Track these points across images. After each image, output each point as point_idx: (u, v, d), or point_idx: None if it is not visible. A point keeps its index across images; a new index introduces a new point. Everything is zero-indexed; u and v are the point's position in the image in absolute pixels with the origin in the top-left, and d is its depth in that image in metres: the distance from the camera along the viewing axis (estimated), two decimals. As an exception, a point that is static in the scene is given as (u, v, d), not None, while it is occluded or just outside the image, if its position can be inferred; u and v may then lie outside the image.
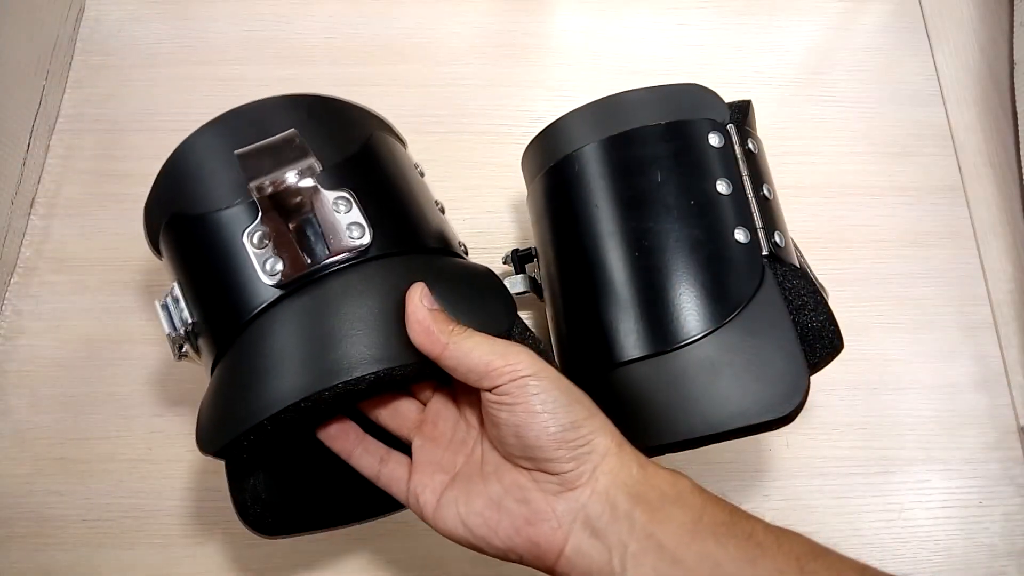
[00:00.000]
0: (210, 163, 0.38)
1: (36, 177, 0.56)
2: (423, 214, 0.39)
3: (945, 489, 0.50)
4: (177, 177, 0.38)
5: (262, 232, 0.35)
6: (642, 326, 0.37)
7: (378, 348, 0.33)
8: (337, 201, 0.36)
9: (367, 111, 0.42)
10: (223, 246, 0.36)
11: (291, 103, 0.39)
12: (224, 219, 0.36)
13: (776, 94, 0.62)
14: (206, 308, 0.36)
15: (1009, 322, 0.55)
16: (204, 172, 0.38)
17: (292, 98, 0.40)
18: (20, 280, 0.53)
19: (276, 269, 0.34)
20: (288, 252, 0.35)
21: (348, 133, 0.40)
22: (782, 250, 0.39)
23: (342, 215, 0.35)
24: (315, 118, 0.39)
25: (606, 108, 0.42)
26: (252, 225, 0.35)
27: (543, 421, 0.30)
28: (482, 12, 0.64)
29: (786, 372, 0.35)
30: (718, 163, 0.39)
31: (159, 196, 0.39)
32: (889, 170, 0.60)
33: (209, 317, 0.36)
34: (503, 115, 0.60)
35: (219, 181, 0.37)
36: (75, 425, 0.49)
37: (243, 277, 0.35)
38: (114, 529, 0.46)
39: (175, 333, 0.37)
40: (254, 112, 0.39)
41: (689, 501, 0.30)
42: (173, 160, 0.39)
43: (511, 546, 0.31)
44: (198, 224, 0.36)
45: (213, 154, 0.38)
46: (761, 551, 0.28)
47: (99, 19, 0.62)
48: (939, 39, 0.64)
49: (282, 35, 0.62)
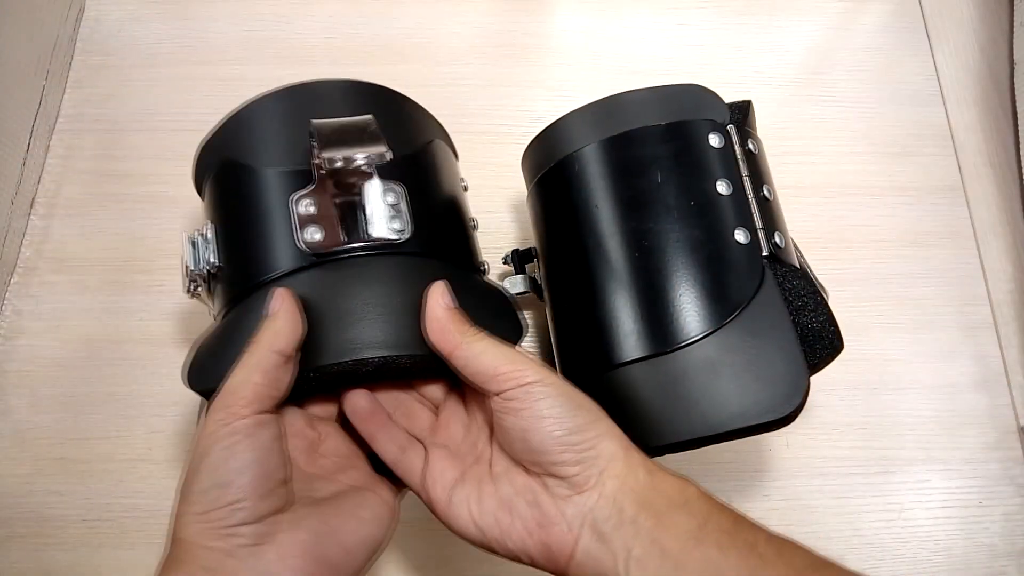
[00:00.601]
0: (277, 124, 0.39)
1: (36, 177, 0.56)
2: (459, 227, 0.42)
3: (945, 489, 0.50)
4: (243, 127, 0.40)
5: (310, 200, 0.36)
6: (642, 327, 0.37)
7: (390, 335, 0.34)
8: (387, 191, 0.37)
9: (433, 118, 0.45)
10: (270, 203, 0.37)
11: (368, 90, 0.41)
12: (278, 177, 0.37)
13: (776, 94, 0.62)
14: (236, 256, 0.38)
15: (1009, 322, 0.55)
16: (270, 130, 0.39)
17: (370, 86, 0.42)
18: (20, 280, 0.53)
19: (314, 238, 0.36)
20: (329, 225, 0.36)
21: (412, 132, 0.42)
22: (782, 251, 0.39)
23: (388, 205, 0.37)
24: (386, 109, 0.41)
25: (606, 108, 0.42)
26: (303, 192, 0.36)
27: (548, 426, 0.30)
28: (482, 12, 0.64)
29: (786, 373, 0.35)
30: (718, 163, 0.39)
31: (220, 139, 0.41)
32: (889, 170, 0.60)
33: (236, 265, 0.37)
34: (503, 115, 0.60)
35: (282, 142, 0.38)
36: (75, 425, 0.49)
37: (280, 237, 0.36)
38: (114, 529, 0.46)
39: (196, 269, 0.38)
40: (330, 90, 0.41)
41: (695, 507, 0.30)
42: (245, 111, 0.40)
43: (523, 548, 0.31)
44: (251, 176, 0.38)
45: (282, 116, 0.39)
46: (762, 561, 0.28)
47: (99, 19, 0.62)
48: (939, 39, 0.64)
49: (282, 35, 0.62)
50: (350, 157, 0.34)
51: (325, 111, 0.38)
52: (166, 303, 0.52)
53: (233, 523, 0.28)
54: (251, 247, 0.37)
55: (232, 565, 0.28)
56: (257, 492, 0.29)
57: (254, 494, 0.29)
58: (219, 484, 0.29)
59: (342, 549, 0.31)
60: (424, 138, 0.42)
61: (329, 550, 0.30)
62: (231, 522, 0.28)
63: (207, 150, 0.41)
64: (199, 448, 0.30)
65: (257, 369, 0.31)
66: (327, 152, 0.34)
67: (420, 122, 0.43)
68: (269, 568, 0.29)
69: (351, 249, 0.36)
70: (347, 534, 0.31)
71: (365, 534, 0.32)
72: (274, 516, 0.30)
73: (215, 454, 0.29)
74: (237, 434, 0.30)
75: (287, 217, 0.36)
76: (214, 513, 0.28)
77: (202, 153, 0.42)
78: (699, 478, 0.49)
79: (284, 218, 0.36)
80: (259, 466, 0.30)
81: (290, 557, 0.29)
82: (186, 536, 0.29)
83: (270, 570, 0.29)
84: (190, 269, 0.38)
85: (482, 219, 0.55)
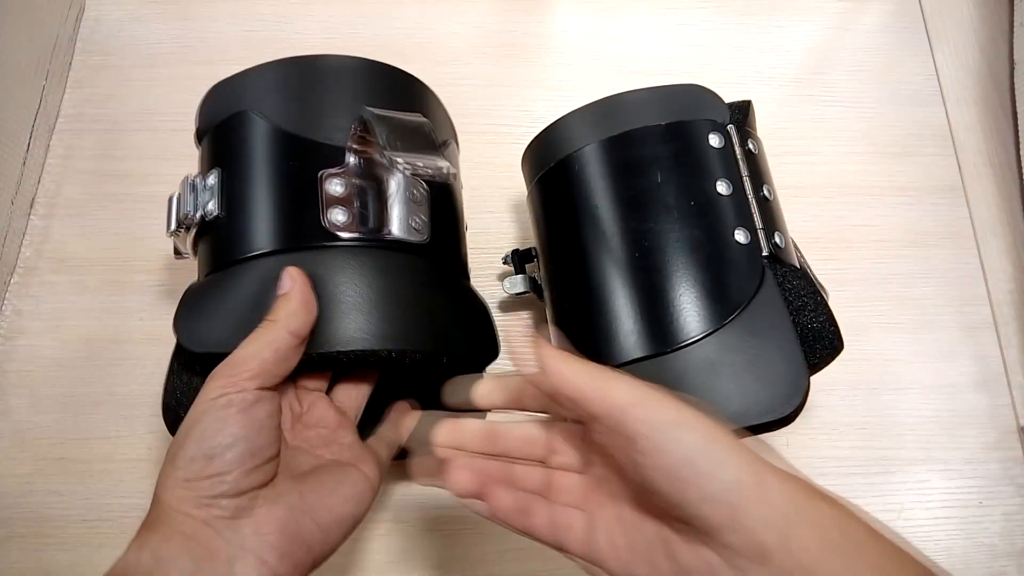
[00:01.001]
0: (314, 91, 0.38)
1: (36, 177, 0.56)
2: (459, 231, 0.42)
3: (945, 489, 0.50)
4: (275, 83, 0.38)
5: (339, 181, 0.36)
6: (642, 327, 0.37)
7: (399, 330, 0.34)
8: (413, 190, 0.37)
9: (449, 118, 0.45)
10: (300, 173, 0.36)
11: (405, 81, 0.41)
12: (307, 148, 0.36)
13: (776, 94, 0.62)
14: (245, 215, 0.36)
15: (1009, 322, 0.55)
16: (305, 96, 0.38)
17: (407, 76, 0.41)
18: (20, 280, 0.53)
19: (338, 220, 0.35)
20: (352, 210, 0.36)
21: (438, 131, 0.41)
22: (782, 251, 0.39)
23: (414, 204, 0.37)
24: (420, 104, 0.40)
25: (606, 108, 0.42)
26: (336, 170, 0.36)
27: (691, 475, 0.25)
28: (482, 12, 0.64)
29: (786, 373, 0.35)
30: (718, 164, 0.39)
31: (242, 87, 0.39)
32: (889, 170, 0.60)
33: (244, 224, 0.36)
34: (503, 115, 0.60)
35: (316, 111, 0.37)
36: (75, 425, 0.49)
37: (304, 210, 0.35)
38: (114, 529, 0.46)
39: (190, 214, 0.37)
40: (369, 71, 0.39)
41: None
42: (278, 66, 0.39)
43: None
44: (279, 138, 0.37)
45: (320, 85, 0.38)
46: None
47: (99, 19, 0.62)
48: (939, 39, 0.64)
49: (282, 35, 0.62)
50: (419, 167, 0.34)
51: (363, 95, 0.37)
52: (166, 303, 0.52)
53: (214, 494, 0.29)
54: (267, 211, 0.36)
55: (208, 534, 0.28)
56: (242, 467, 0.29)
57: (239, 469, 0.29)
58: (206, 455, 0.29)
59: (317, 527, 0.31)
60: (443, 137, 0.42)
61: (305, 528, 0.30)
62: (212, 493, 0.29)
63: (224, 94, 0.40)
64: (193, 412, 0.30)
65: (270, 346, 0.31)
66: (392, 152, 0.34)
67: (443, 121, 0.43)
68: (244, 542, 0.29)
69: (371, 239, 0.36)
70: (324, 512, 0.31)
71: (342, 512, 0.32)
72: (255, 491, 0.30)
73: (206, 423, 0.29)
74: (232, 406, 0.30)
75: (314, 191, 0.35)
76: (197, 483, 0.29)
77: (217, 95, 0.40)
78: (699, 478, 0.48)
79: (310, 192, 0.35)
80: (248, 442, 0.30)
81: (266, 533, 0.29)
82: (167, 499, 0.29)
83: (245, 544, 0.29)
84: (186, 213, 0.37)
85: (482, 219, 0.56)
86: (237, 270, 0.35)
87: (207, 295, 0.36)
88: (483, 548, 0.47)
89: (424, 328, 0.35)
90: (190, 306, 0.36)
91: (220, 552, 0.28)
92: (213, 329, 0.34)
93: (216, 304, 0.35)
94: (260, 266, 0.35)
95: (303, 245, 0.35)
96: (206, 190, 0.37)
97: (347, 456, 0.35)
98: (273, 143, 0.37)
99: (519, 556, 0.47)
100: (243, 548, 0.29)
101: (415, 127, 0.37)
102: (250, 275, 0.35)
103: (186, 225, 0.38)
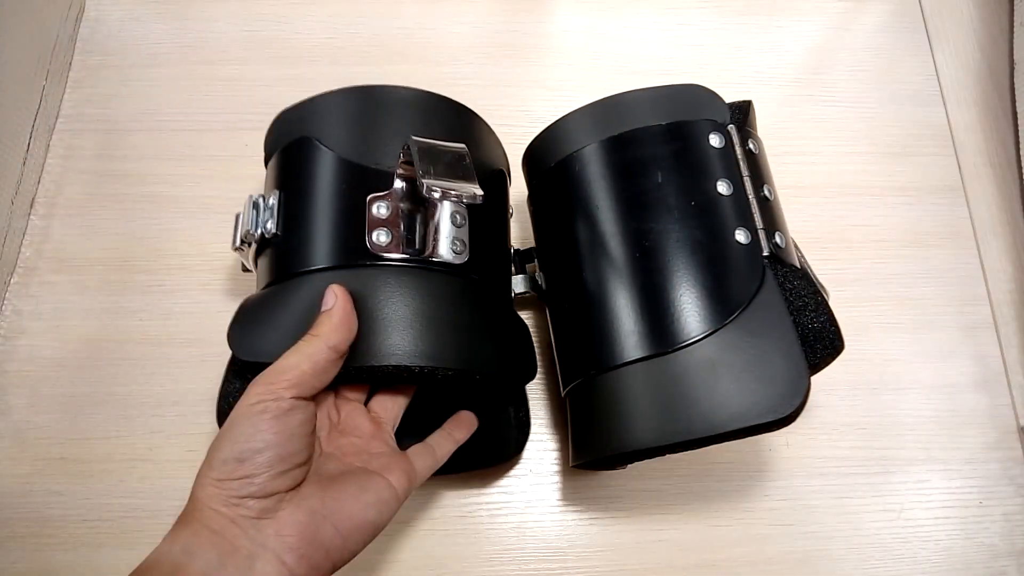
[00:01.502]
0: (366, 120, 0.40)
1: (36, 177, 0.56)
2: (505, 257, 0.44)
3: (945, 489, 0.50)
4: (332, 112, 0.41)
5: (384, 204, 0.38)
6: (642, 327, 0.37)
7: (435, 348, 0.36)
8: (455, 214, 0.39)
9: (500, 146, 0.46)
10: (349, 196, 0.38)
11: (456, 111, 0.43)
12: (358, 173, 0.39)
13: (776, 94, 0.62)
14: (298, 233, 0.39)
15: (1009, 322, 0.55)
16: (358, 124, 0.40)
17: (458, 106, 0.43)
18: (20, 280, 0.53)
19: (380, 241, 0.37)
20: (396, 232, 0.38)
21: (485, 161, 0.43)
22: (783, 251, 0.39)
23: (455, 227, 0.39)
24: (468, 134, 0.42)
25: (606, 108, 0.42)
26: (380, 194, 0.38)
27: None
28: (482, 12, 0.64)
29: (786, 373, 0.35)
30: (719, 164, 0.39)
31: (305, 114, 0.41)
32: (889, 170, 0.60)
33: (297, 242, 0.39)
34: (503, 115, 0.59)
35: (369, 139, 0.40)
36: (75, 425, 0.49)
37: (351, 231, 0.37)
38: (114, 529, 0.46)
39: (252, 232, 0.40)
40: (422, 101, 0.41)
41: None
42: (337, 96, 0.41)
43: None
44: (333, 163, 0.39)
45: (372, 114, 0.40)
46: None
47: (99, 19, 0.62)
48: (939, 39, 0.64)
49: (282, 35, 0.62)
50: (448, 191, 0.36)
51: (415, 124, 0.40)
52: (166, 303, 0.52)
53: (242, 495, 0.30)
54: (318, 231, 0.38)
55: (234, 532, 0.30)
56: (271, 471, 0.31)
57: (267, 472, 0.31)
58: (237, 457, 0.30)
59: (336, 531, 0.32)
60: (492, 167, 0.44)
61: (324, 532, 0.32)
62: (240, 493, 0.30)
63: (289, 121, 0.42)
64: (232, 416, 0.31)
65: (309, 359, 0.32)
66: (428, 179, 0.35)
67: (492, 151, 0.45)
68: (266, 542, 0.30)
69: (414, 260, 0.37)
70: (344, 517, 0.33)
71: (363, 519, 0.33)
72: (282, 494, 0.31)
73: (241, 427, 0.31)
74: (267, 413, 0.31)
75: (361, 214, 0.37)
76: (227, 483, 0.30)
77: (283, 121, 0.42)
78: (699, 478, 0.49)
79: (358, 214, 0.38)
80: (279, 448, 0.31)
81: (286, 535, 0.31)
82: (201, 496, 0.31)
83: (267, 543, 0.30)
84: (247, 230, 0.40)
85: (482, 219, 0.56)
86: (287, 286, 0.38)
87: (257, 308, 0.38)
88: (483, 548, 0.47)
89: (456, 346, 0.36)
90: (242, 318, 0.38)
91: (243, 549, 0.30)
92: (260, 339, 0.36)
93: (265, 317, 0.37)
94: (308, 282, 0.37)
95: (349, 263, 0.37)
96: (267, 209, 0.40)
97: (376, 465, 0.36)
98: (328, 169, 0.39)
99: (519, 556, 0.47)
100: (264, 547, 0.30)
101: (453, 154, 0.38)
102: (298, 291, 0.37)
103: (248, 241, 0.40)
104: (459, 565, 0.46)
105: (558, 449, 0.50)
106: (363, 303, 0.36)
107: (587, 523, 0.48)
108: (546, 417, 0.50)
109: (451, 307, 0.37)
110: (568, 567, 0.47)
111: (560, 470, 0.49)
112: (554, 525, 0.48)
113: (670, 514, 0.48)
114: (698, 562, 0.47)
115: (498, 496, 0.48)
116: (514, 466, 0.49)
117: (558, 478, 0.49)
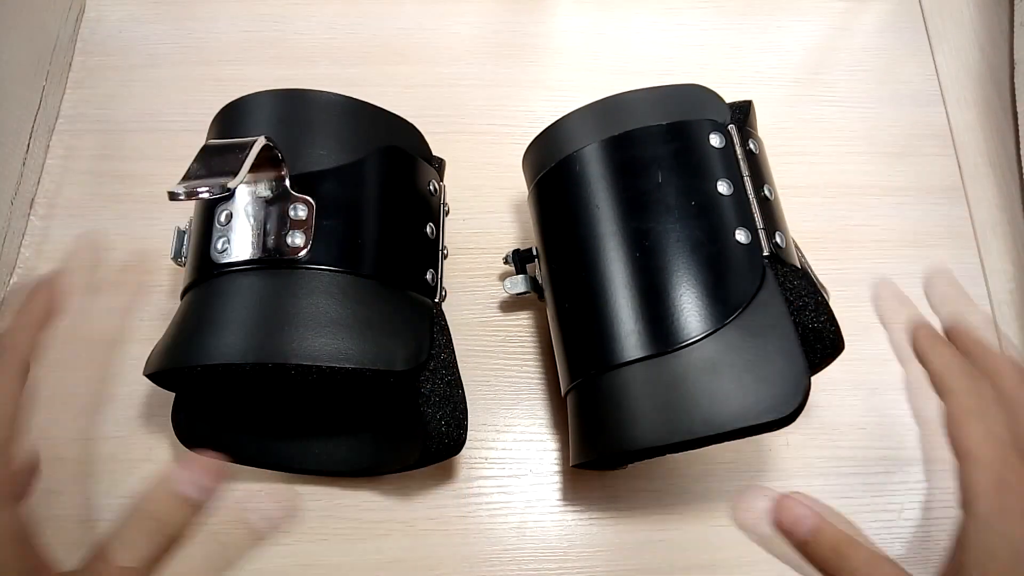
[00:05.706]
0: (228, 131, 0.42)
1: (36, 177, 0.56)
2: (383, 239, 0.40)
3: (945, 489, 0.50)
4: (216, 129, 0.43)
5: (225, 212, 0.39)
6: (642, 327, 0.37)
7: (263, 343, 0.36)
8: (295, 206, 0.38)
9: (392, 125, 0.43)
10: (208, 209, 0.40)
11: (303, 99, 0.42)
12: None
13: (776, 94, 0.62)
14: (189, 253, 0.42)
15: (1009, 322, 0.55)
16: (224, 135, 0.42)
17: (304, 94, 0.42)
18: (20, 280, 0.53)
19: (218, 248, 0.39)
20: (237, 238, 0.39)
21: (346, 143, 0.41)
22: (783, 251, 0.39)
23: (293, 221, 0.38)
24: (319, 119, 0.41)
25: (606, 108, 0.42)
26: (224, 205, 0.39)
27: None
28: (482, 12, 0.64)
29: (787, 373, 0.35)
30: (719, 164, 0.39)
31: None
32: (889, 170, 0.60)
33: (188, 261, 0.42)
34: (503, 115, 0.60)
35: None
36: (75, 425, 0.49)
37: (205, 246, 0.39)
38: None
39: (177, 258, 0.44)
40: (265, 102, 0.42)
41: None
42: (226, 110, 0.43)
43: None
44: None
45: (240, 123, 0.42)
46: None
47: (99, 19, 0.62)
48: (939, 39, 0.64)
49: (282, 35, 0.62)
50: (194, 189, 0.34)
51: (271, 123, 0.41)
52: (166, 303, 0.52)
53: None
54: (193, 251, 0.41)
55: None
56: None
57: None
58: None
59: None
60: (368, 147, 0.41)
61: None
62: None
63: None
64: None
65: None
66: (181, 183, 0.34)
67: (362, 132, 0.42)
68: None
69: (252, 262, 0.38)
70: None
71: None
72: None
73: None
74: None
75: (211, 228, 0.39)
76: None
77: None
78: (699, 478, 0.49)
79: (208, 230, 0.40)
80: None
81: None
82: None
83: None
84: (174, 258, 0.44)
85: (482, 219, 0.56)
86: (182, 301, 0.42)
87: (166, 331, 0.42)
88: (483, 548, 0.47)
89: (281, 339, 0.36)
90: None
91: None
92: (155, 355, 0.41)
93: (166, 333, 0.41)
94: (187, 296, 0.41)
95: (201, 279, 0.39)
96: (185, 237, 0.44)
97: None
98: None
99: (518, 556, 0.47)
100: None
101: (235, 149, 0.36)
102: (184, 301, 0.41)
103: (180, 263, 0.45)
104: (459, 565, 0.46)
105: (558, 449, 0.50)
106: (203, 312, 0.38)
107: (587, 523, 0.48)
108: (546, 417, 0.50)
109: (283, 301, 0.37)
110: (568, 567, 0.47)
111: (560, 470, 0.49)
112: (554, 525, 0.48)
113: (670, 514, 0.48)
114: (698, 562, 0.47)
115: (498, 496, 0.48)
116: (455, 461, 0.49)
117: (558, 478, 0.49)
